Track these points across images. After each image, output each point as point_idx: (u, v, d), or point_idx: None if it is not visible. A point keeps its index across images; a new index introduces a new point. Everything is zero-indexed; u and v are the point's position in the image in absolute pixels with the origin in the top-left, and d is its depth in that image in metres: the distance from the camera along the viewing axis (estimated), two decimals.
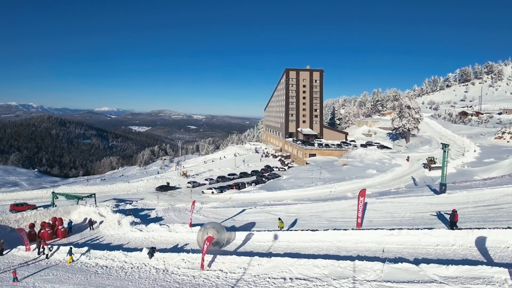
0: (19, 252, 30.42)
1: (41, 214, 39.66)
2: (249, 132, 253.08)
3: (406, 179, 63.04)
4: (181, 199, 59.65)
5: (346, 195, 53.49)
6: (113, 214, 40.01)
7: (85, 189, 65.58)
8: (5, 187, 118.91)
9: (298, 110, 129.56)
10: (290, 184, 65.55)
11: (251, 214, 41.46)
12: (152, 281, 21.65)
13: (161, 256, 24.90)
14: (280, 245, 26.38)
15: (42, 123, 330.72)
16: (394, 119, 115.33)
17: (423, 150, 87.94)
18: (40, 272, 25.00)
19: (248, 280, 20.11)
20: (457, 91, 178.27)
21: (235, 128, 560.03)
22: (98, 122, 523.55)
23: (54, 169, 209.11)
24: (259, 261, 21.73)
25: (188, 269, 22.70)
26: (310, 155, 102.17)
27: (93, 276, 23.49)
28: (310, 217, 35.67)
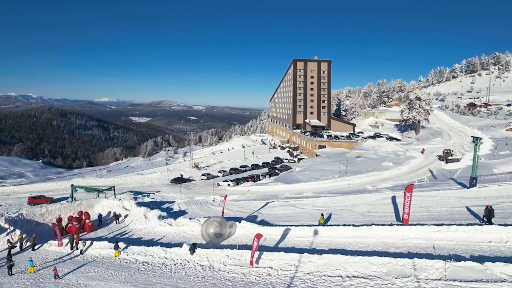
0: (50, 247, 29.98)
1: (65, 207, 39.10)
2: (252, 123, 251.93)
3: (423, 171, 62.58)
4: (198, 191, 59.16)
5: (366, 187, 53.05)
6: (137, 208, 39.49)
7: (99, 181, 64.98)
8: (11, 179, 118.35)
9: (306, 101, 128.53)
10: (306, 176, 65.07)
11: (276, 207, 41.03)
12: (201, 278, 21.20)
13: (203, 252, 24.44)
14: (322, 241, 25.93)
15: (43, 114, 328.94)
16: (403, 111, 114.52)
17: (435, 142, 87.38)
18: (80, 269, 24.53)
19: (304, 278, 19.67)
20: (463, 82, 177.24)
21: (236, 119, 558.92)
22: (98, 113, 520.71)
23: (57, 160, 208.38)
24: (310, 258, 21.27)
25: (235, 266, 22.24)
26: (319, 146, 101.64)
27: (136, 273, 23.03)
28: (341, 211, 35.22)
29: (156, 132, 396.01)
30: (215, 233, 28.17)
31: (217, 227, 28.23)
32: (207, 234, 28.35)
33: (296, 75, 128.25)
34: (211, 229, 28.25)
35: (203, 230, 28.60)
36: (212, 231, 28.20)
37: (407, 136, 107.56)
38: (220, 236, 28.18)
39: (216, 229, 28.24)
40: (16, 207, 49.18)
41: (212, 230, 28.23)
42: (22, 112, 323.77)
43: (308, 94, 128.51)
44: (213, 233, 28.16)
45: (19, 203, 51.45)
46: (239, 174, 77.59)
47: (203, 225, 28.98)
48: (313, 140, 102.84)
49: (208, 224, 28.53)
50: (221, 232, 28.26)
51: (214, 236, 28.15)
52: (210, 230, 28.24)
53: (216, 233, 28.16)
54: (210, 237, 28.25)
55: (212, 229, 28.25)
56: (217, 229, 28.19)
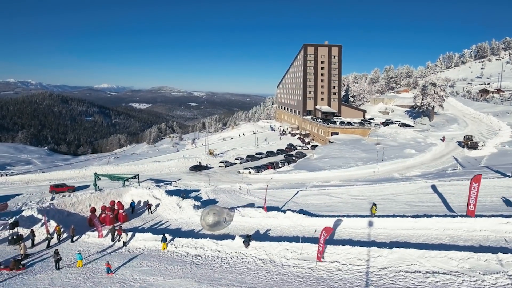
0: (90, 239, 28.89)
1: (95, 197, 37.96)
2: (256, 110, 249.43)
3: (447, 159, 61.55)
4: (219, 179, 58.06)
5: (393, 175, 52.05)
6: (168, 197, 38.39)
7: (117, 169, 63.85)
8: (18, 165, 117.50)
9: (316, 87, 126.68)
10: (327, 164, 63.99)
11: (309, 196, 39.97)
12: (266, 273, 20.17)
13: (259, 245, 23.38)
14: (379, 233, 24.91)
15: (44, 100, 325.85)
16: (417, 97, 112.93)
17: (452, 128, 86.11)
18: (131, 262, 23.48)
19: (379, 274, 18.64)
20: (472, 67, 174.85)
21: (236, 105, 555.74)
22: (99, 99, 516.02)
23: (62, 147, 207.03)
24: (379, 252, 20.24)
25: (299, 260, 21.21)
26: (332, 133, 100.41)
27: (193, 267, 21.99)
28: (383, 200, 34.16)
29: (158, 119, 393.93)
30: (213, 222, 29.33)
31: (215, 216, 29.37)
32: (205, 223, 29.52)
33: (306, 60, 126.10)
34: (208, 218, 29.38)
35: (201, 219, 29.83)
36: (211, 220, 29.34)
37: (421, 123, 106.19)
38: (217, 224, 29.40)
39: (214, 218, 29.37)
40: (38, 196, 48.21)
41: (211, 219, 29.37)
42: (23, 98, 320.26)
43: (318, 80, 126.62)
44: (211, 222, 29.30)
45: (40, 192, 50.40)
46: (256, 161, 76.54)
47: (201, 215, 30.16)
48: (326, 127, 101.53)
49: (207, 213, 29.64)
50: (218, 220, 29.43)
51: (212, 225, 29.36)
52: (208, 219, 29.39)
53: (214, 221, 29.31)
54: (208, 225, 29.42)
55: (211, 218, 29.38)
56: (215, 218, 29.32)
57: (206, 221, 29.47)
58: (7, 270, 23.76)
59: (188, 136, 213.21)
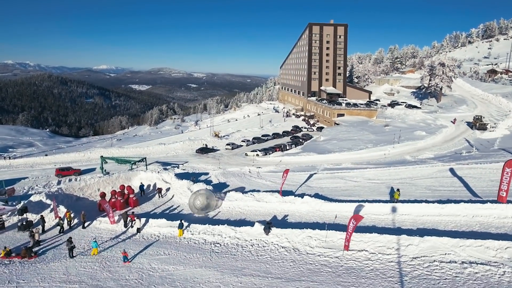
0: (101, 225, 28.01)
1: (104, 181, 37.02)
2: (258, 91, 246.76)
3: (459, 141, 60.31)
4: (227, 162, 57.00)
5: (405, 158, 50.98)
6: (178, 181, 37.37)
7: (122, 152, 62.78)
8: (21, 148, 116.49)
9: (321, 67, 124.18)
10: (336, 146, 62.83)
11: (323, 180, 39.00)
12: (292, 262, 19.29)
13: (280, 233, 22.46)
14: (404, 219, 23.96)
15: (43, 82, 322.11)
16: (424, 77, 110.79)
17: (462, 110, 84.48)
18: (147, 250, 22.62)
19: (413, 264, 17.73)
20: (479, 47, 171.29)
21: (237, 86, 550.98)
22: (98, 81, 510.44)
23: (63, 129, 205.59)
24: (410, 240, 19.28)
25: (324, 249, 20.30)
26: (338, 115, 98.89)
27: (213, 256, 21.12)
28: (401, 184, 33.07)
29: (158, 100, 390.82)
30: (202, 205, 29.51)
31: (205, 199, 29.59)
32: (194, 206, 29.60)
33: (311, 40, 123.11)
34: (198, 200, 29.47)
35: (191, 203, 29.93)
36: (199, 202, 29.47)
37: (428, 104, 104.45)
38: (207, 208, 29.63)
39: (203, 201, 29.53)
40: (44, 179, 47.24)
41: (199, 201, 29.49)
42: (22, 80, 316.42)
43: (323, 60, 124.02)
44: (200, 204, 29.48)
45: (46, 175, 49.38)
46: (262, 143, 75.40)
47: (191, 197, 30.30)
48: (332, 108, 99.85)
49: (195, 196, 29.79)
50: (208, 204, 29.70)
51: (201, 208, 29.52)
52: (197, 202, 29.46)
53: (203, 204, 29.51)
54: (197, 208, 29.54)
55: (199, 200, 29.51)
56: (205, 201, 29.52)
57: (195, 204, 29.58)
58: (19, 258, 22.97)
59: (190, 117, 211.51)
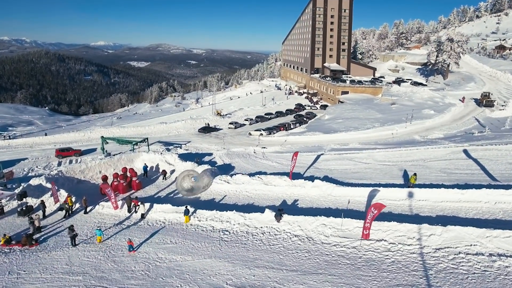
0: (104, 210, 26.97)
1: (105, 163, 35.77)
2: (258, 68, 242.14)
3: (468, 120, 58.79)
4: (231, 141, 55.66)
5: (413, 138, 49.55)
6: (182, 162, 36.15)
7: (123, 131, 61.49)
8: (20, 126, 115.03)
9: (325, 43, 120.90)
10: (341, 125, 61.35)
11: (332, 161, 37.75)
12: (307, 253, 18.26)
13: (292, 220, 21.36)
14: (422, 205, 22.83)
15: (40, 59, 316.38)
16: (431, 54, 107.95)
17: (470, 87, 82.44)
18: (153, 239, 21.60)
19: (437, 256, 16.67)
20: (487, 22, 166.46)
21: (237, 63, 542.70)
22: (96, 57, 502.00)
23: (62, 107, 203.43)
24: (432, 230, 18.16)
25: (340, 238, 19.24)
26: (342, 92, 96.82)
27: (223, 245, 20.10)
28: (414, 167, 31.89)
29: (157, 77, 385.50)
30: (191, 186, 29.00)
31: (192, 180, 29.03)
32: (182, 187, 29.15)
33: (315, 14, 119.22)
34: (185, 182, 28.96)
35: (178, 184, 29.42)
36: (186, 184, 28.94)
37: (434, 81, 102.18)
38: (194, 189, 29.10)
39: (190, 183, 29.00)
40: (44, 160, 46.22)
41: (186, 183, 28.95)
42: (19, 57, 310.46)
43: (327, 36, 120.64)
44: (188, 186, 28.98)
45: (45, 156, 48.35)
46: (265, 122, 73.93)
47: (179, 178, 29.76)
48: (336, 86, 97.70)
49: (184, 177, 29.20)
50: (197, 185, 29.10)
51: (189, 189, 29.09)
52: (184, 183, 28.96)
53: (190, 186, 28.99)
54: (185, 189, 29.11)
55: (186, 182, 28.97)
56: (192, 183, 28.96)
57: (182, 185, 29.05)
58: (19, 246, 22.03)
59: (190, 95, 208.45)
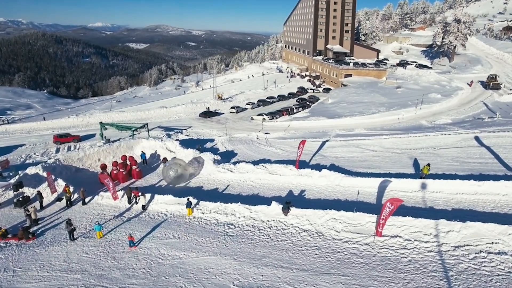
0: (103, 201, 26.01)
1: (104, 150, 34.65)
2: (259, 49, 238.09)
3: (476, 105, 57.24)
4: (233, 126, 54.34)
5: (421, 123, 48.17)
6: (184, 150, 35.06)
7: (122, 116, 60.07)
8: (19, 110, 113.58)
9: (328, 24, 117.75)
10: (346, 109, 59.92)
11: (337, 148, 36.59)
12: (317, 250, 17.29)
13: (301, 213, 20.35)
14: (436, 197, 21.78)
15: (37, 41, 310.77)
16: (437, 35, 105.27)
17: (477, 70, 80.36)
18: (155, 233, 20.65)
19: (456, 255, 15.68)
20: (494, 2, 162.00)
21: (237, 44, 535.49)
22: (94, 39, 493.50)
23: (61, 90, 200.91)
24: (450, 225, 17.13)
25: (352, 234, 18.24)
26: (345, 75, 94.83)
27: (228, 240, 19.12)
28: (425, 155, 30.74)
29: (156, 59, 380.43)
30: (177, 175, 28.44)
31: (179, 169, 28.50)
32: (168, 176, 28.62)
33: None
34: (171, 171, 28.39)
35: (164, 172, 29.05)
36: (173, 173, 28.36)
37: (439, 64, 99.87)
38: (180, 178, 28.66)
39: (177, 171, 28.39)
40: (42, 147, 45.14)
41: (173, 172, 28.37)
42: (15, 39, 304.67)
43: (330, 16, 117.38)
44: (174, 174, 28.37)
45: (43, 142, 47.20)
46: (267, 106, 72.35)
47: (164, 168, 29.40)
48: (339, 68, 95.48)
49: (170, 166, 28.71)
50: (182, 173, 28.63)
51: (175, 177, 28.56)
52: (171, 172, 28.40)
53: (177, 175, 28.42)
54: (171, 178, 28.57)
55: (173, 171, 28.38)
56: (178, 171, 28.40)
57: (168, 174, 28.48)
58: (16, 240, 21.15)
59: (190, 78, 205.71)
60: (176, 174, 28.39)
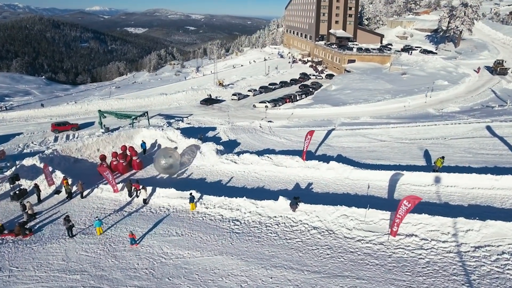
0: (103, 193, 25.07)
1: (103, 140, 33.57)
2: (259, 34, 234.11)
3: (484, 92, 55.89)
4: (235, 114, 53.11)
5: (428, 111, 46.96)
6: (185, 139, 34.01)
7: (121, 103, 58.76)
8: (17, 96, 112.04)
9: (331, 8, 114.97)
10: (350, 97, 58.59)
11: (344, 137, 35.48)
12: (329, 250, 16.40)
13: (309, 209, 19.41)
14: (451, 192, 20.81)
15: (34, 26, 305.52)
16: (443, 19, 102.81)
17: (483, 56, 78.63)
18: (157, 229, 19.75)
19: (477, 256, 14.80)
20: None
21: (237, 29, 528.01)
22: (92, 24, 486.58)
23: (60, 76, 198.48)
24: (468, 224, 16.21)
25: (365, 232, 17.34)
26: (349, 61, 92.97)
27: (234, 238, 18.22)
28: (435, 146, 29.67)
29: (155, 44, 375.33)
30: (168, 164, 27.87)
31: (170, 158, 27.94)
32: (160, 166, 28.03)
33: None
34: (162, 161, 27.78)
35: (156, 161, 28.38)
36: (164, 162, 27.76)
37: (444, 49, 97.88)
38: (170, 167, 28.13)
39: (168, 161, 27.84)
40: (40, 135, 44.08)
41: (164, 161, 27.77)
42: (12, 23, 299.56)
43: (333, 0, 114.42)
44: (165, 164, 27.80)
45: (41, 130, 46.10)
46: (269, 92, 70.93)
47: (156, 156, 28.71)
48: (342, 54, 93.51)
49: (162, 155, 28.09)
50: (172, 163, 28.08)
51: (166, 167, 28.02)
52: (162, 161, 27.78)
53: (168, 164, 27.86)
54: (162, 167, 28.09)
55: (164, 160, 27.77)
56: (170, 160, 27.88)
57: (160, 164, 27.85)
58: (12, 236, 20.30)
59: (190, 63, 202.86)
60: (166, 164, 27.85)
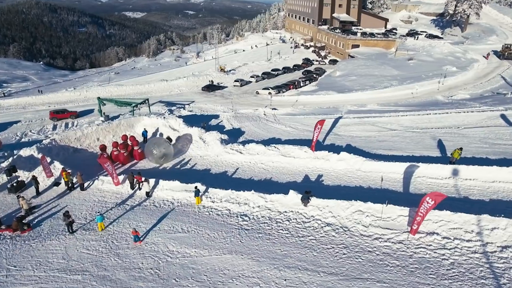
0: (104, 186, 24.05)
1: (103, 129, 32.46)
2: (260, 18, 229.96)
3: (494, 78, 54.21)
4: (237, 101, 51.63)
5: (437, 99, 45.59)
6: (188, 128, 32.86)
7: (121, 90, 57.34)
8: (15, 83, 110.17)
9: None
10: (355, 83, 57.06)
11: (352, 126, 34.36)
12: (345, 249, 15.44)
13: (322, 204, 18.39)
14: (470, 186, 19.80)
15: (31, 10, 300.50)
16: (450, 3, 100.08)
17: (492, 41, 76.48)
18: (161, 225, 18.78)
19: (505, 257, 13.84)
20: None
21: (237, 13, 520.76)
22: (89, 8, 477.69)
23: (58, 61, 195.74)
24: (494, 222, 15.21)
25: (382, 230, 16.34)
26: (352, 46, 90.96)
27: (243, 235, 17.23)
28: (449, 135, 28.53)
29: (154, 29, 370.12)
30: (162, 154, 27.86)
31: (164, 148, 27.94)
32: (154, 155, 27.86)
33: None
34: (156, 150, 27.65)
35: (147, 150, 28.23)
36: (157, 152, 27.63)
37: (451, 34, 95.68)
38: (164, 156, 28.03)
39: (162, 150, 27.76)
40: (38, 123, 42.85)
41: (157, 151, 27.64)
42: (8, 8, 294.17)
43: None
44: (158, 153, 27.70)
45: (39, 118, 44.83)
46: (272, 78, 69.29)
47: (149, 145, 28.42)
48: (346, 39, 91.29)
49: (157, 145, 27.97)
50: (165, 153, 28.06)
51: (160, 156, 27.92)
52: (156, 151, 27.66)
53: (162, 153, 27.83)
54: (155, 157, 27.92)
55: (157, 150, 27.65)
56: (163, 150, 27.84)
57: (154, 154, 27.71)
58: (10, 232, 19.37)
59: (190, 48, 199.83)
60: (160, 154, 27.74)
